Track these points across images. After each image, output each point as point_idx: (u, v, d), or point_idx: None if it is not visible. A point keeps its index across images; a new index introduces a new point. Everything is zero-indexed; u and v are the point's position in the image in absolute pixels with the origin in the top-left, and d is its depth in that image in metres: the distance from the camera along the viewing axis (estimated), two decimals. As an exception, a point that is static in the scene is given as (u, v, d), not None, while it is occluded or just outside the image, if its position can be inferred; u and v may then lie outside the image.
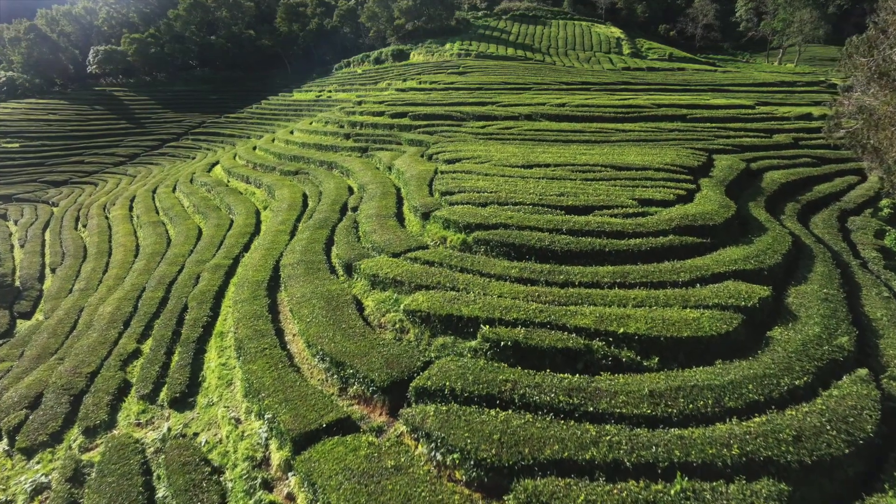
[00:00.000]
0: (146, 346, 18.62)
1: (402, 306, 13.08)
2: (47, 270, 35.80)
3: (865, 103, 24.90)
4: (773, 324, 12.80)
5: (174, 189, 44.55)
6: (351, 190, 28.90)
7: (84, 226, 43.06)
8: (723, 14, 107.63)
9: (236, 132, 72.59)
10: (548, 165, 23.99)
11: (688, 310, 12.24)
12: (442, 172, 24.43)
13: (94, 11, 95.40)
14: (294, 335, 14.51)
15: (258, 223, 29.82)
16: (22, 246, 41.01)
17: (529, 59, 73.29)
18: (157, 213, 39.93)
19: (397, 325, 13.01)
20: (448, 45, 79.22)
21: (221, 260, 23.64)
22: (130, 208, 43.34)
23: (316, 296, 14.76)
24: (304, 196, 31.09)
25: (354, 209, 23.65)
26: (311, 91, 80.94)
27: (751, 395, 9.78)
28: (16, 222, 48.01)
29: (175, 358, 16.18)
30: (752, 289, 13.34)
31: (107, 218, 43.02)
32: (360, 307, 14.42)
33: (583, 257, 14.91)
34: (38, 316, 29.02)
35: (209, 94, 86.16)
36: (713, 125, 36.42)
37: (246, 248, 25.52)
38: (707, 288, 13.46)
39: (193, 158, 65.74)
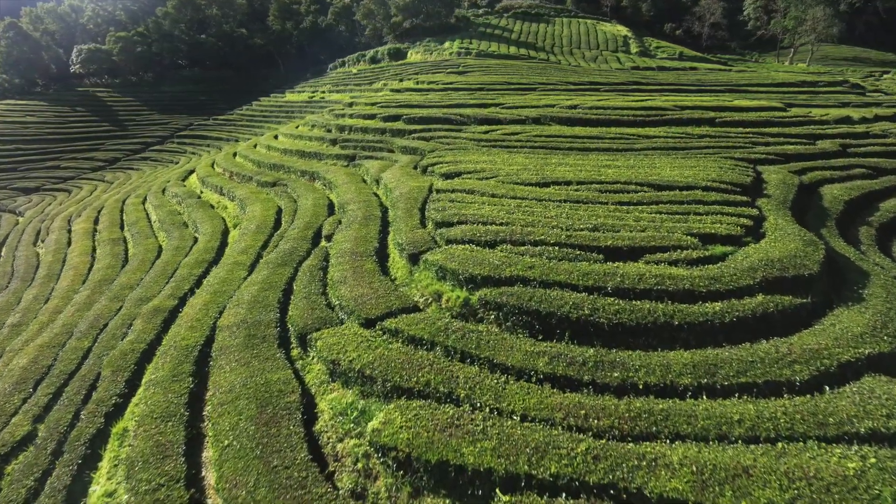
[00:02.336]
0: (42, 430, 13.71)
1: (369, 430, 8.11)
2: (-9, 295, 30.80)
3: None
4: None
5: (144, 200, 39.51)
6: (331, 207, 23.90)
7: (43, 241, 38.08)
8: (730, 13, 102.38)
9: (224, 135, 67.54)
10: (568, 183, 19.00)
11: (835, 449, 7.29)
12: (438, 191, 19.45)
13: (81, 9, 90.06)
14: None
15: (222, 246, 24.79)
16: (-29, 265, 36.01)
17: (533, 57, 68.22)
18: (122, 227, 34.95)
19: (360, 465, 8.07)
20: (447, 44, 74.10)
21: (164, 300, 18.62)
22: (96, 221, 38.26)
23: (247, 393, 9.81)
24: (279, 213, 26.13)
25: (329, 237, 18.68)
26: (303, 92, 75.87)
27: None
28: (-27, 236, 42.97)
29: (56, 469, 11.22)
30: (910, 394, 8.42)
31: (69, 232, 38.01)
32: (311, 414, 9.48)
33: (641, 334, 9.95)
34: (-38, 357, 24.05)
35: (198, 95, 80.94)
36: (747, 130, 31.42)
37: (200, 281, 20.49)
38: (842, 394, 8.51)
39: (177, 163, 60.76)
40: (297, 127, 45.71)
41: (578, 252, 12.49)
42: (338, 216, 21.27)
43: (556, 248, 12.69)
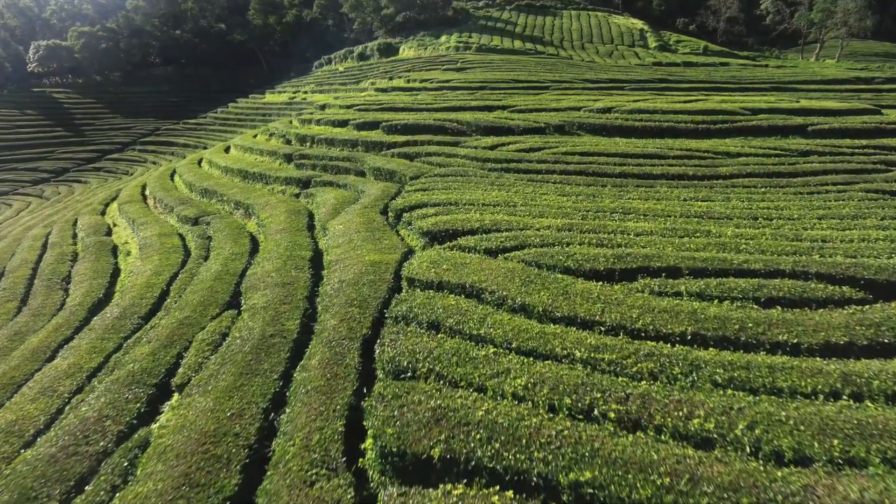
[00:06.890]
0: None
1: None
2: None
3: None
4: None
5: (50, 233, 29.57)
6: (238, 283, 13.86)
7: (-86, 287, 28.10)
8: (746, 6, 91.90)
9: (192, 141, 57.61)
10: (672, 273, 9.11)
11: None
12: (411, 282, 9.68)
13: (45, 3, 79.78)
14: None
15: (75, 334, 14.77)
16: None
17: (541, 52, 58.15)
18: (3, 275, 24.97)
19: None
20: (444, 38, 64.02)
21: None
22: (-15, 260, 28.33)
23: None
24: (173, 278, 16.24)
25: (182, 388, 8.78)
26: (284, 92, 65.79)
27: None
28: None
29: None
30: None
31: (-50, 274, 28.03)
32: None
33: None
34: None
35: (169, 97, 70.75)
36: (861, 143, 21.55)
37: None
38: None
39: (131, 175, 50.83)
40: (255, 136, 35.72)
41: None
42: (233, 316, 11.36)
43: None
